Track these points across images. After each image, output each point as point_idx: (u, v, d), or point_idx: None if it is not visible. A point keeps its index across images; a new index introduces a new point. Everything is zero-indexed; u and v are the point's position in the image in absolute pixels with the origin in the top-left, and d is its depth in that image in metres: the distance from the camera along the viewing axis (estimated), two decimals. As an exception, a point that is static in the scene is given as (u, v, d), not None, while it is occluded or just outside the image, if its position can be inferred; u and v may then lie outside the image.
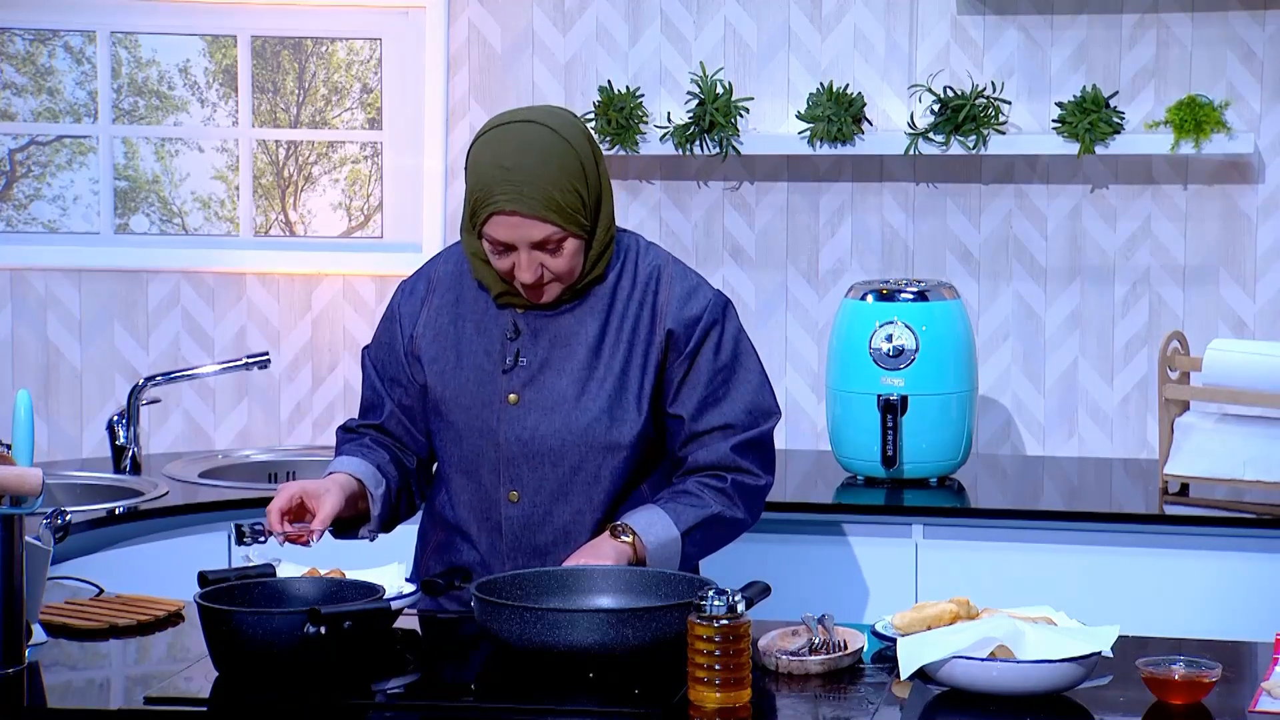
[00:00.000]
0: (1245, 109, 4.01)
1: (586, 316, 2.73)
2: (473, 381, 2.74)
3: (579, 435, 2.71)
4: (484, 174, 2.66)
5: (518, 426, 2.71)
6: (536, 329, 2.74)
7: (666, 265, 2.78)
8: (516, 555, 2.74)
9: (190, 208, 4.36)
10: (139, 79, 4.34)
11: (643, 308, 2.74)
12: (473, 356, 2.75)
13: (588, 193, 2.68)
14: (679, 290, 2.75)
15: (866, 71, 4.12)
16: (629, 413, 2.72)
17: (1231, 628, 3.19)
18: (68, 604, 2.80)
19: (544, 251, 2.66)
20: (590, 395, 2.71)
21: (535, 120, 2.69)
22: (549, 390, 2.72)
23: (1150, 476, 3.85)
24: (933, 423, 3.74)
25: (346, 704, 2.36)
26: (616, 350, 2.73)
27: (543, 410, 2.71)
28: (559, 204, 2.64)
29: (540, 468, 2.72)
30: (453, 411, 2.75)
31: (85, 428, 4.30)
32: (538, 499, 2.73)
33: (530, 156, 2.64)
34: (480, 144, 2.69)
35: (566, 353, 2.72)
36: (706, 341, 2.74)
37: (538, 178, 2.63)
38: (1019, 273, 4.13)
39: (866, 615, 3.55)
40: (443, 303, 2.78)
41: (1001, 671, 2.34)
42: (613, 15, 4.20)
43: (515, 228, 2.64)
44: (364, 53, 4.33)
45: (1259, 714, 2.32)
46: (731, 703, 2.29)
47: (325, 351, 4.32)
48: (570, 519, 2.73)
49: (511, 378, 2.72)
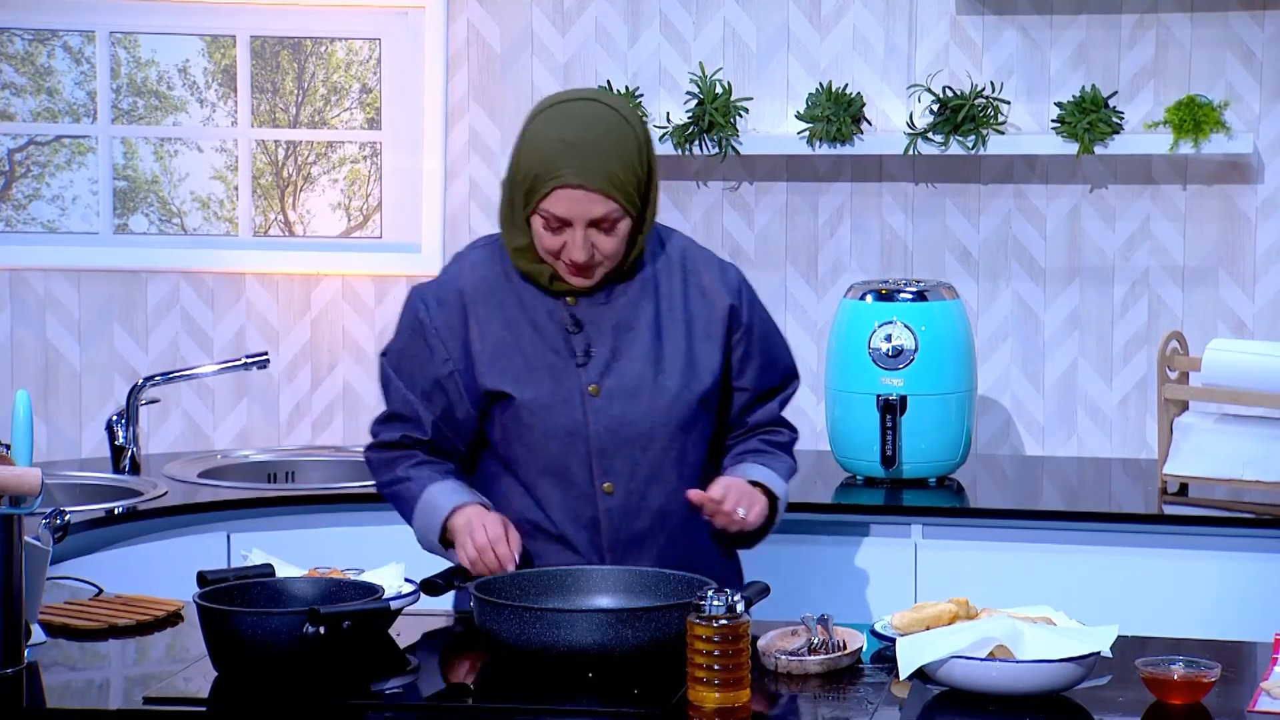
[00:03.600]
0: (1244, 109, 4.01)
1: (639, 300, 2.76)
2: (549, 380, 2.73)
3: (664, 415, 2.73)
4: (545, 149, 2.66)
5: (604, 417, 2.72)
6: (595, 319, 2.74)
7: (690, 246, 2.84)
8: (615, 547, 2.74)
9: (189, 208, 4.36)
10: (138, 79, 4.34)
11: (687, 286, 2.79)
12: (541, 356, 2.74)
13: (644, 174, 2.71)
14: (715, 268, 2.82)
15: (865, 72, 4.12)
16: (704, 385, 2.76)
17: (1231, 628, 3.19)
18: (67, 604, 2.80)
19: (598, 230, 2.68)
20: (666, 375, 2.74)
21: (596, 99, 2.72)
22: (627, 376, 2.73)
23: (1149, 477, 3.85)
24: (932, 423, 3.74)
25: (346, 704, 2.36)
26: (676, 330, 2.76)
27: (626, 397, 2.73)
28: (621, 181, 2.66)
29: (631, 454, 2.73)
30: (536, 414, 2.73)
31: (84, 428, 4.30)
32: (632, 486, 2.74)
33: (595, 132, 2.66)
34: (539, 121, 2.70)
35: (632, 337, 2.74)
36: (755, 311, 2.84)
37: (602, 153, 2.65)
38: (1018, 273, 4.13)
39: (866, 615, 3.55)
40: (487, 313, 2.75)
41: (1001, 671, 2.34)
42: (612, 15, 4.20)
43: (577, 202, 2.65)
44: (363, 53, 4.33)
45: (1258, 714, 2.32)
46: (731, 703, 2.29)
47: (324, 352, 4.32)
48: (665, 501, 2.75)
49: (587, 370, 2.73)
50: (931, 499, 3.70)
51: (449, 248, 4.28)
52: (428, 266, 4.29)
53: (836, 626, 2.53)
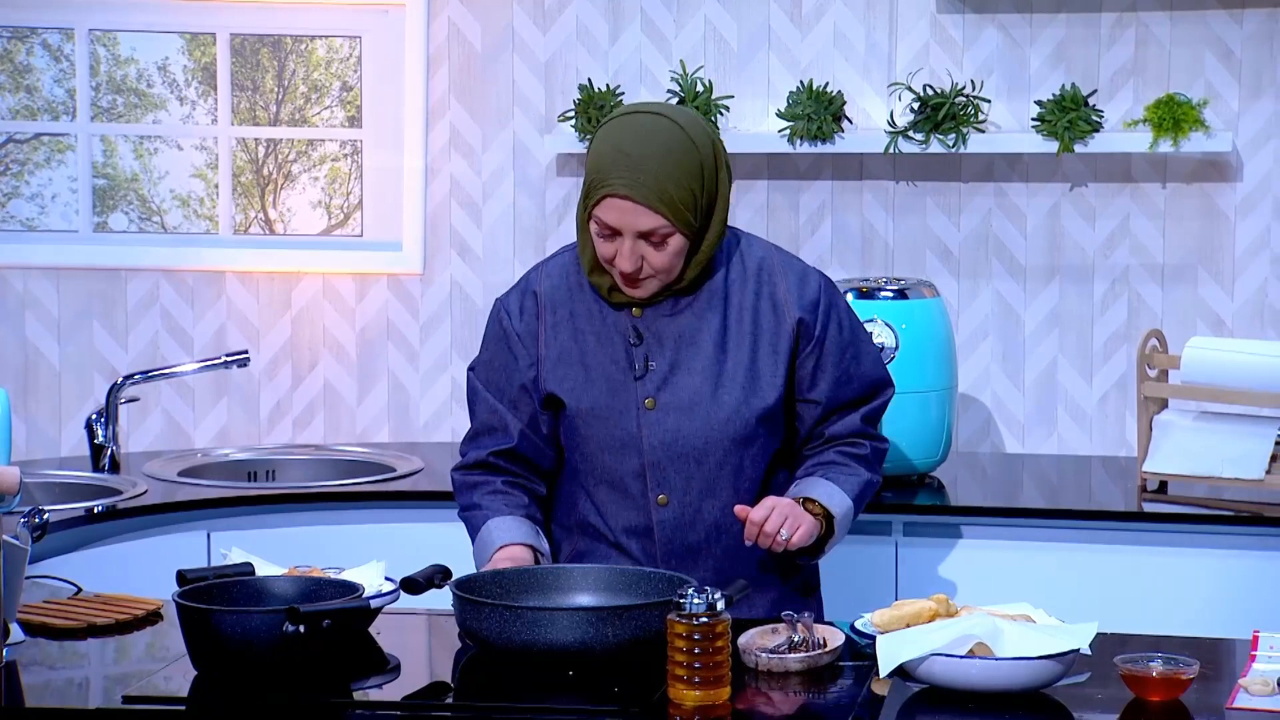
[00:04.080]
0: (1223, 107, 4.02)
1: (706, 313, 2.75)
2: (605, 393, 2.74)
3: (720, 430, 2.73)
4: (603, 157, 2.68)
5: (659, 430, 2.73)
6: (658, 332, 2.75)
7: (771, 255, 2.82)
8: (670, 558, 2.75)
9: (169, 206, 4.35)
10: (117, 77, 4.33)
11: (759, 298, 2.77)
12: (601, 368, 2.75)
13: (702, 194, 2.69)
14: (793, 278, 2.79)
15: (846, 70, 4.12)
16: (765, 402, 2.75)
17: (1210, 625, 3.20)
18: (46, 603, 2.79)
19: (648, 243, 2.68)
20: (725, 390, 2.73)
21: (663, 114, 2.71)
22: (684, 390, 2.73)
23: (1129, 474, 3.86)
24: (912, 421, 3.74)
25: (325, 703, 2.35)
26: (741, 343, 2.75)
27: (682, 411, 2.73)
28: (672, 197, 2.65)
29: (686, 468, 2.73)
30: (590, 425, 2.74)
31: (64, 427, 4.29)
32: (687, 499, 2.74)
33: (651, 146, 2.66)
34: (605, 129, 2.71)
35: (693, 351, 2.74)
36: (831, 323, 2.79)
37: (655, 167, 2.65)
38: (999, 271, 4.13)
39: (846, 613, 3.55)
40: (558, 319, 2.77)
41: (980, 669, 2.35)
42: (593, 14, 4.20)
43: (624, 213, 2.65)
44: (344, 51, 4.32)
45: (1236, 711, 2.33)
46: (710, 701, 2.29)
47: (305, 350, 4.31)
48: (720, 514, 2.75)
49: (645, 383, 2.74)
50: (912, 496, 3.71)
51: (430, 246, 4.28)
52: (408, 265, 4.29)
53: (816, 624, 2.53)
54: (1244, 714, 2.32)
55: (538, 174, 4.25)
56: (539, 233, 4.24)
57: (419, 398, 4.31)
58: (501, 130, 4.25)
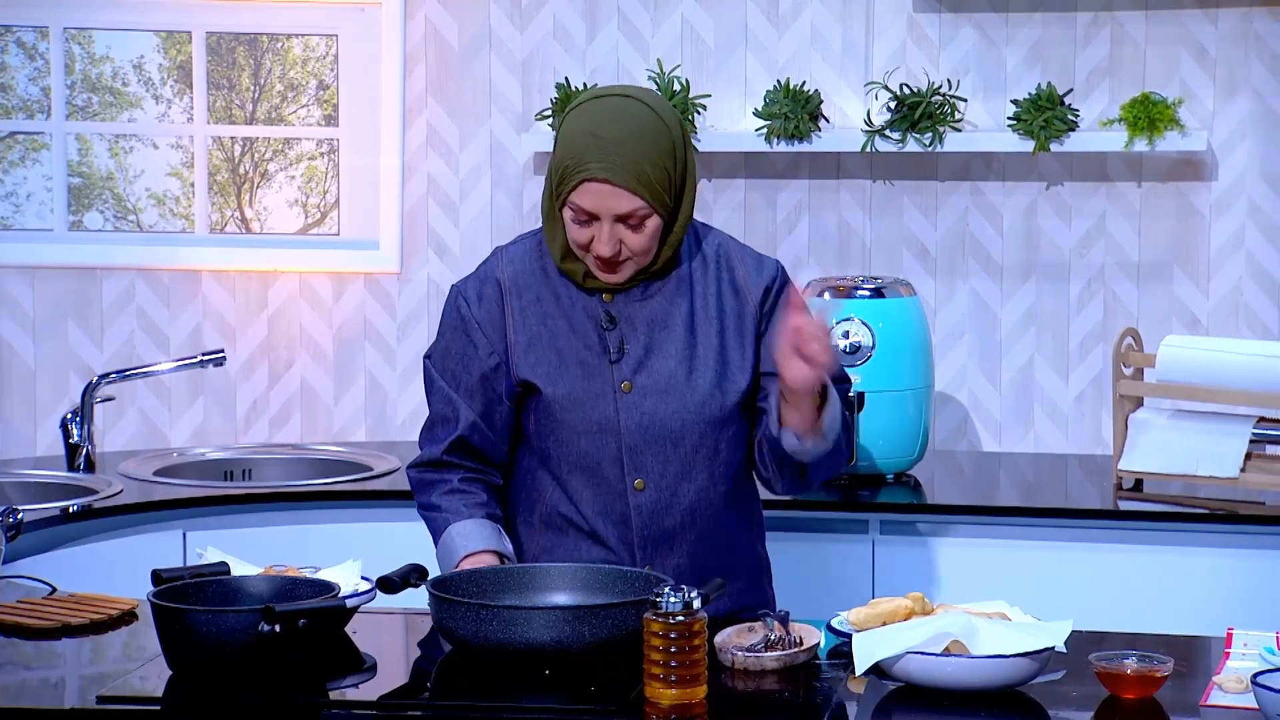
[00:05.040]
0: (1198, 106, 4.03)
1: (675, 297, 2.76)
2: (581, 377, 2.73)
3: (696, 412, 2.73)
4: (576, 142, 2.66)
5: (636, 413, 2.72)
6: (630, 316, 2.75)
7: (726, 242, 2.83)
8: (646, 544, 2.74)
9: (145, 205, 4.34)
10: (93, 75, 4.31)
11: (721, 284, 2.78)
12: (574, 352, 2.74)
13: (675, 173, 2.69)
14: (750, 262, 2.81)
15: (823, 69, 4.13)
16: (737, 383, 2.75)
17: (1184, 622, 3.21)
18: (20, 603, 2.78)
19: (626, 226, 2.67)
20: (699, 373, 2.74)
21: (631, 95, 2.71)
22: (660, 373, 2.73)
23: (1105, 472, 3.87)
24: (889, 419, 3.75)
25: (301, 703, 2.35)
26: (710, 326, 2.76)
27: (658, 394, 2.73)
28: (649, 178, 2.65)
29: (663, 451, 2.73)
30: (566, 410, 2.73)
31: (39, 426, 4.27)
32: (663, 483, 2.74)
33: (625, 128, 2.65)
34: (574, 115, 2.70)
35: (666, 335, 2.74)
36: (783, 300, 2.79)
37: (631, 149, 2.64)
38: (975, 270, 4.14)
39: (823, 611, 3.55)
40: (524, 305, 2.76)
41: (956, 667, 2.35)
42: (570, 12, 4.20)
43: (603, 197, 2.64)
44: (320, 49, 4.31)
45: (1211, 708, 2.33)
46: (687, 699, 2.29)
47: (281, 349, 4.31)
48: (695, 498, 2.75)
49: (620, 367, 2.73)
50: (889, 495, 3.71)
51: (407, 244, 4.27)
52: (385, 263, 4.28)
53: (793, 622, 2.53)
54: (1218, 711, 2.33)
55: (515, 173, 4.25)
56: (516, 231, 4.24)
57: (396, 397, 4.30)
58: (479, 129, 4.25)
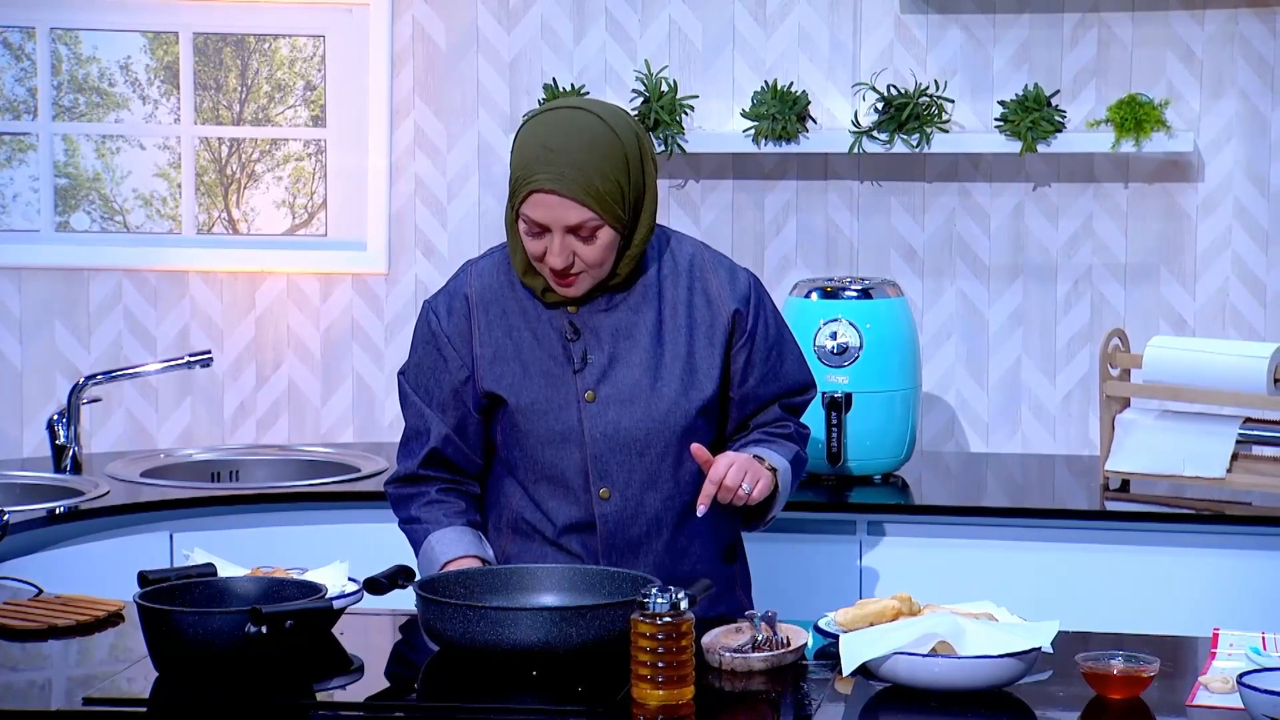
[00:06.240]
0: (1185, 108, 4.04)
1: (641, 306, 2.76)
2: (545, 387, 2.74)
3: (660, 422, 2.74)
4: (527, 153, 2.68)
5: (601, 423, 2.73)
6: (595, 327, 2.75)
7: (700, 251, 2.83)
8: (611, 552, 2.75)
9: (132, 205, 4.33)
10: (79, 76, 4.31)
11: (693, 293, 2.79)
12: (538, 363, 2.75)
13: (629, 187, 2.69)
14: (723, 273, 2.81)
15: (811, 70, 4.13)
16: (704, 394, 2.76)
17: (1171, 623, 3.22)
18: (6, 605, 2.77)
19: (577, 238, 2.67)
20: (664, 382, 2.75)
21: (585, 108, 2.71)
22: (624, 383, 2.74)
23: (1092, 473, 3.88)
24: (877, 420, 3.75)
25: (288, 704, 2.35)
26: (678, 336, 2.77)
27: (622, 403, 2.73)
28: (598, 190, 2.65)
29: (628, 460, 2.74)
30: (531, 420, 2.74)
31: (25, 427, 4.26)
32: (629, 492, 2.74)
33: (575, 140, 2.66)
34: (527, 127, 2.71)
35: (630, 344, 2.75)
36: (759, 320, 2.81)
37: (580, 161, 2.65)
38: (962, 271, 4.15)
39: (810, 612, 3.56)
40: (491, 318, 2.77)
41: (943, 667, 2.35)
42: (557, 13, 4.20)
43: (552, 208, 2.65)
44: (307, 50, 4.31)
45: (1197, 708, 2.34)
46: (674, 700, 2.29)
47: (269, 350, 4.30)
48: (660, 507, 2.76)
49: (584, 377, 2.74)
50: (876, 496, 3.72)
51: (394, 245, 4.27)
52: (373, 264, 4.28)
53: (781, 623, 2.53)
54: (1204, 711, 2.33)
55: (502, 173, 4.24)
56: (504, 232, 4.23)
57: (384, 398, 4.30)
58: (466, 130, 4.25)
